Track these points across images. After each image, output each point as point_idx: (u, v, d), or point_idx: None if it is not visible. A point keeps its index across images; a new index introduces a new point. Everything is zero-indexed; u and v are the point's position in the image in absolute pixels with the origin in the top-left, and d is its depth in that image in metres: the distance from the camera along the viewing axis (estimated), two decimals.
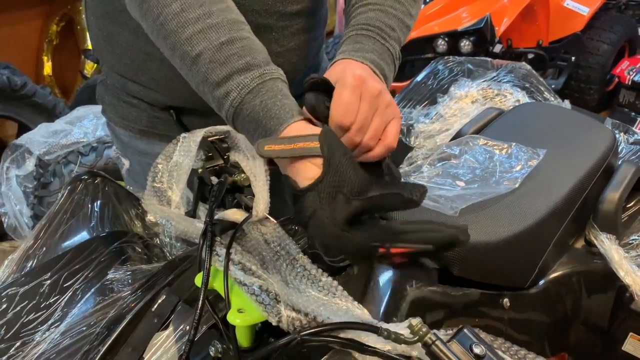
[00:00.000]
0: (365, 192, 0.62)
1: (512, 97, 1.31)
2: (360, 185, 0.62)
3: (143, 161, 1.03)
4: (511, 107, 1.24)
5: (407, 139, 1.20)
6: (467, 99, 1.29)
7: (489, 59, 1.45)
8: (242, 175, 0.75)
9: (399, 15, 0.85)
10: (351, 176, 0.62)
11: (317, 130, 0.65)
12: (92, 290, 0.81)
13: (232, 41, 0.70)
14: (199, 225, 0.71)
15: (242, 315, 0.61)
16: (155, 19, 0.72)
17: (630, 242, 1.04)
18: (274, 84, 0.69)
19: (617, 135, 1.21)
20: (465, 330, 0.56)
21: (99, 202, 0.97)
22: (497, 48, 3.10)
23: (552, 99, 1.36)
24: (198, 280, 0.65)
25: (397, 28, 0.85)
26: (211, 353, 0.66)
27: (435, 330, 0.55)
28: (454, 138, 1.14)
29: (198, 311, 0.61)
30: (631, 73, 3.32)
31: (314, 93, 0.68)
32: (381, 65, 0.79)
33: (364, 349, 0.56)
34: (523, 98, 1.32)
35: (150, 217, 0.98)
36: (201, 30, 0.70)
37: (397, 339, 0.55)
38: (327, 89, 0.68)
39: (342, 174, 0.62)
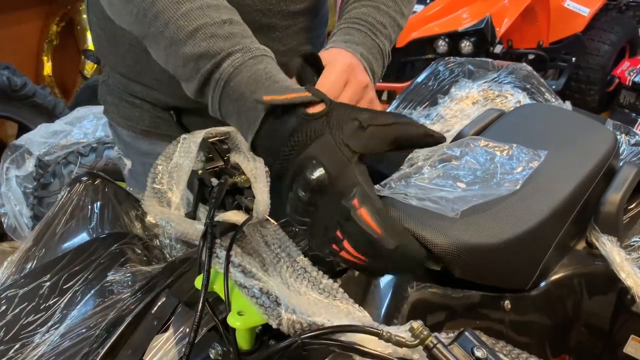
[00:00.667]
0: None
1: (513, 98, 1.30)
2: (372, 116, 0.57)
3: (145, 161, 1.03)
4: (512, 109, 1.24)
5: None
6: (467, 100, 1.29)
7: (490, 60, 1.44)
8: (243, 176, 0.74)
9: (391, 13, 0.86)
10: (361, 110, 0.58)
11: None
12: (92, 292, 0.81)
13: (234, 22, 0.68)
14: (199, 226, 0.71)
15: (243, 318, 0.61)
16: None
17: (632, 244, 1.04)
18: (275, 64, 0.67)
19: (618, 137, 1.20)
20: (466, 333, 0.56)
21: (98, 203, 0.97)
22: (498, 49, 3.10)
23: (553, 100, 1.35)
24: (198, 282, 0.65)
25: (388, 26, 0.87)
26: (211, 355, 0.66)
27: (436, 334, 0.55)
28: (454, 139, 1.13)
29: (198, 313, 0.61)
30: (632, 74, 3.32)
31: (303, 62, 0.69)
32: (370, 60, 0.80)
33: (364, 352, 0.56)
34: (524, 99, 1.32)
35: (150, 219, 0.98)
36: (200, 7, 0.67)
37: (398, 342, 0.54)
38: (317, 66, 0.69)
39: (350, 107, 0.58)
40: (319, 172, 0.54)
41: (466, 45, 3.05)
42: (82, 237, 0.93)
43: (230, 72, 0.65)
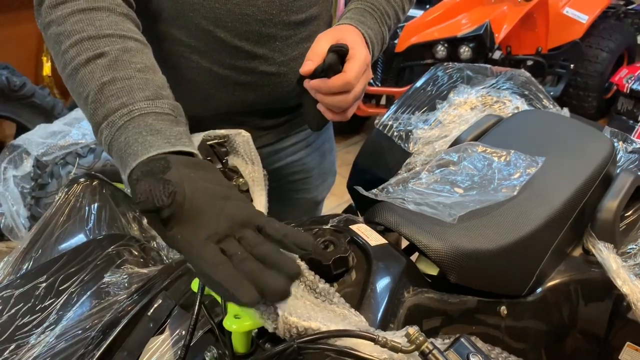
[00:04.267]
0: None
1: (511, 105, 1.31)
2: None
3: None
4: (510, 115, 1.24)
5: (406, 145, 1.20)
6: (466, 106, 1.29)
7: (489, 66, 1.45)
8: (241, 179, 0.75)
9: (396, 7, 0.97)
10: None
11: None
12: (88, 293, 0.81)
13: (114, 81, 0.68)
14: None
15: (239, 321, 0.60)
16: (62, 68, 0.72)
17: (628, 251, 1.04)
18: (143, 119, 0.65)
19: (615, 144, 1.21)
20: (462, 339, 0.56)
21: (96, 204, 0.97)
22: (497, 55, 3.11)
23: (551, 106, 1.36)
24: (195, 284, 0.65)
25: (392, 17, 0.97)
26: (207, 358, 0.66)
27: (432, 339, 0.55)
28: (452, 144, 1.14)
29: (194, 316, 0.61)
30: (629, 81, 3.33)
31: (335, 55, 0.80)
32: (374, 43, 0.90)
33: (360, 357, 0.56)
34: (522, 105, 1.32)
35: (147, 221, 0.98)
36: (91, 71, 0.68)
37: (394, 347, 0.54)
38: (341, 54, 0.81)
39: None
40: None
41: (465, 51, 3.05)
42: (79, 239, 0.93)
43: (108, 141, 0.66)
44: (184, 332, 0.67)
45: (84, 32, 0.69)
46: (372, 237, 0.81)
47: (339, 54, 0.81)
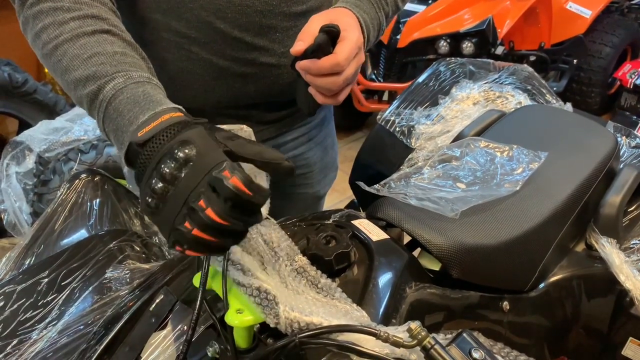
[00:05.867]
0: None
1: (514, 100, 1.30)
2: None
3: None
4: (513, 110, 1.24)
5: (408, 140, 1.20)
6: (468, 101, 1.29)
7: (491, 61, 1.44)
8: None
9: None
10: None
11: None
12: (90, 288, 0.81)
13: (126, 54, 0.72)
14: None
15: (241, 316, 0.60)
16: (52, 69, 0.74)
17: (631, 246, 1.04)
18: (157, 88, 0.70)
19: (619, 139, 1.20)
20: (464, 334, 0.56)
21: (97, 200, 0.97)
22: (499, 50, 3.09)
23: (554, 101, 1.35)
24: (196, 280, 0.65)
25: (390, 4, 0.97)
26: (209, 353, 0.66)
27: (434, 334, 0.55)
28: (455, 140, 1.13)
29: (196, 311, 0.61)
30: (633, 76, 3.32)
31: (325, 36, 0.79)
32: (369, 29, 0.90)
33: (362, 352, 0.56)
34: (525, 100, 1.32)
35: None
36: (97, 41, 0.71)
37: (395, 342, 0.54)
38: (332, 35, 0.80)
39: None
40: (188, 148, 0.55)
41: (467, 46, 3.04)
42: (81, 234, 0.93)
43: (111, 95, 0.67)
44: (185, 328, 0.67)
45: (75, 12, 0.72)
46: (374, 233, 0.81)
47: (330, 35, 0.79)
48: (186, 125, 0.59)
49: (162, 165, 0.55)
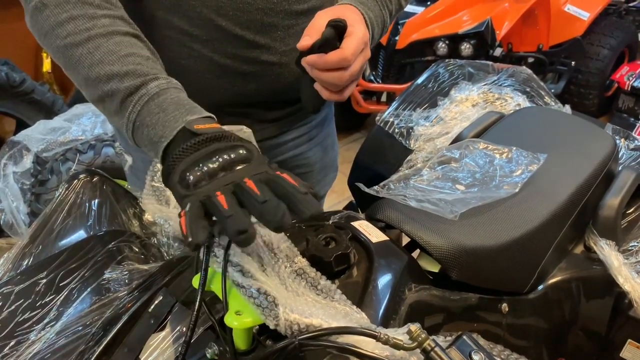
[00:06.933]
0: None
1: (513, 101, 1.30)
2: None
3: (146, 158, 1.02)
4: (512, 111, 1.24)
5: (407, 142, 1.20)
6: (467, 103, 1.29)
7: (490, 63, 1.44)
8: None
9: None
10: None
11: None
12: (88, 289, 0.81)
13: (156, 61, 0.77)
14: None
15: (240, 318, 0.60)
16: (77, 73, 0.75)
17: (630, 248, 1.04)
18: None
19: (617, 141, 1.20)
20: (464, 337, 0.56)
21: (96, 200, 0.96)
22: (498, 52, 3.10)
23: (553, 103, 1.35)
24: (195, 281, 0.64)
25: (394, 2, 0.98)
26: (208, 355, 0.65)
27: (434, 337, 0.55)
28: (454, 141, 1.13)
29: (195, 313, 0.61)
30: (631, 79, 3.32)
31: (332, 30, 0.79)
32: (373, 25, 0.90)
33: (361, 354, 0.55)
34: (524, 102, 1.32)
35: (148, 217, 0.98)
36: (129, 42, 0.75)
37: (395, 344, 0.54)
38: (339, 30, 0.80)
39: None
40: (250, 153, 0.61)
41: (466, 48, 3.05)
42: (79, 235, 0.92)
43: (155, 92, 0.71)
44: (184, 329, 0.67)
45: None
46: (374, 234, 0.81)
47: (337, 29, 0.80)
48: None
49: (224, 155, 0.60)
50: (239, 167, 0.59)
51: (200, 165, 0.59)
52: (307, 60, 0.81)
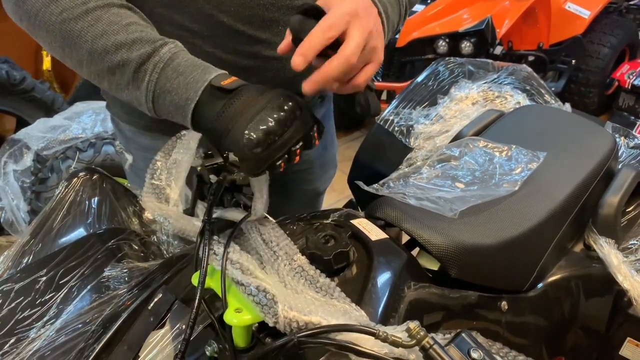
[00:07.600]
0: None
1: (513, 100, 1.30)
2: None
3: (146, 157, 1.02)
4: (512, 110, 1.24)
5: (407, 140, 1.20)
6: (467, 101, 1.29)
7: (490, 61, 1.44)
8: (241, 174, 0.74)
9: None
10: None
11: None
12: (88, 287, 0.81)
13: (155, 29, 0.78)
14: (197, 223, 0.71)
15: (239, 315, 0.60)
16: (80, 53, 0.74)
17: (629, 246, 1.04)
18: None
19: (617, 139, 1.20)
20: (463, 334, 0.56)
21: (96, 198, 0.97)
22: (498, 50, 3.10)
23: (553, 101, 1.35)
24: (195, 279, 0.65)
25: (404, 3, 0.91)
26: (207, 353, 0.66)
27: (433, 334, 0.55)
28: (454, 139, 1.13)
29: (194, 310, 0.61)
30: (631, 77, 3.32)
31: (302, 17, 0.68)
32: (385, 3, 0.81)
33: (360, 351, 0.56)
34: (524, 100, 1.32)
35: (148, 215, 0.98)
36: (126, 12, 0.76)
37: (394, 342, 0.54)
38: (318, 17, 0.67)
39: None
40: (293, 104, 0.67)
41: (466, 46, 3.04)
42: (79, 233, 0.92)
43: (168, 57, 0.72)
44: (184, 327, 0.67)
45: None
46: (373, 232, 0.81)
47: (307, 14, 0.68)
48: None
49: (280, 113, 0.65)
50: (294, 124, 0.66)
51: (267, 124, 0.63)
52: (309, 91, 0.71)
